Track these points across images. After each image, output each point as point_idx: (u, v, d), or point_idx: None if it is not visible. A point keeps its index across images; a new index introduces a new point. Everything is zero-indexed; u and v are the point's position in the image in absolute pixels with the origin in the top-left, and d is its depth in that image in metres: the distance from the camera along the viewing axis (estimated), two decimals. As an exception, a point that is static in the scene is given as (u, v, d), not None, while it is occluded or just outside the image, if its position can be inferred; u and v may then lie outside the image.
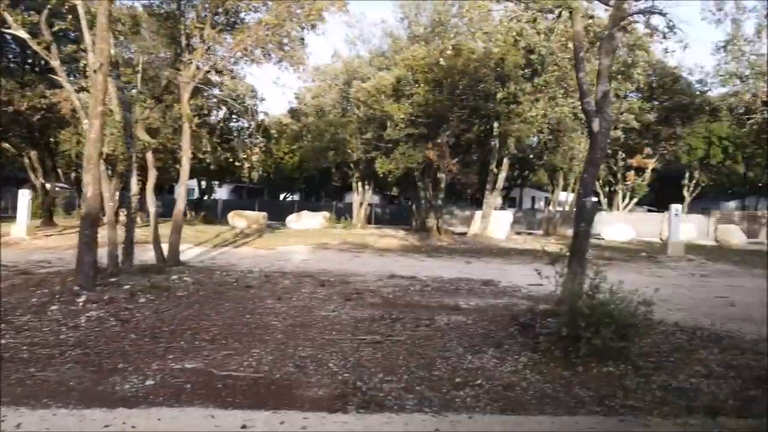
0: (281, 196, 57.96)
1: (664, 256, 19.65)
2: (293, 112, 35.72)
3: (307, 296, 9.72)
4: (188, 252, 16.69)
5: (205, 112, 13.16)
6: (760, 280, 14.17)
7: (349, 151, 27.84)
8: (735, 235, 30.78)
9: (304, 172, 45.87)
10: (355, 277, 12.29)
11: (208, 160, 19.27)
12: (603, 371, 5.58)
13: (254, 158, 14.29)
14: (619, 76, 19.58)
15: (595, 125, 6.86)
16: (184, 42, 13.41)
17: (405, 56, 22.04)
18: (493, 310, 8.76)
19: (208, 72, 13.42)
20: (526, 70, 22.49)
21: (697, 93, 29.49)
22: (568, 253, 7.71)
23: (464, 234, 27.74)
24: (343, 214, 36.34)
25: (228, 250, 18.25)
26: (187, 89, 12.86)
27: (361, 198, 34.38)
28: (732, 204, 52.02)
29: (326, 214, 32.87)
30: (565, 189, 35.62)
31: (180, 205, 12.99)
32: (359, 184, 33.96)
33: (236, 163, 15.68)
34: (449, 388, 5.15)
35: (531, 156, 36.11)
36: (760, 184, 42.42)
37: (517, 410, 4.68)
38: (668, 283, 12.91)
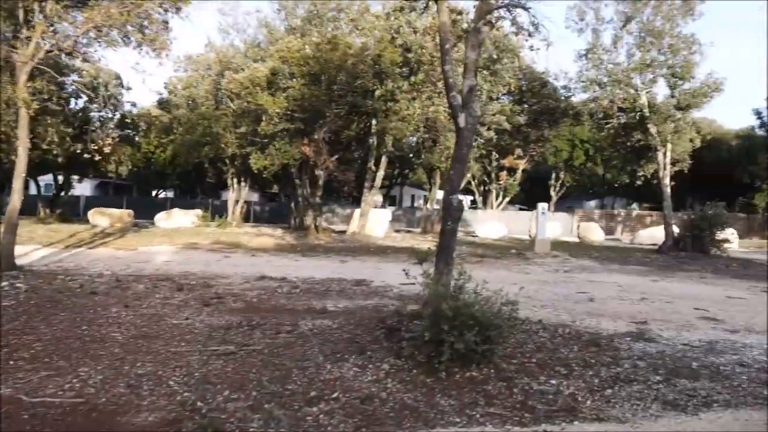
0: (153, 193, 54.58)
1: (532, 253, 20.46)
2: (163, 103, 33.54)
3: (160, 302, 8.82)
4: (33, 254, 14.94)
5: (46, 96, 11.61)
6: (617, 275, 15.05)
7: (224, 145, 26.51)
8: (595, 232, 33.07)
9: (177, 168, 43.32)
10: (220, 280, 11.47)
11: (55, 152, 17.30)
12: (466, 376, 5.34)
13: (107, 150, 12.90)
14: (486, 72, 20.06)
15: (461, 120, 6.66)
16: (22, 16, 11.82)
17: (279, 48, 21.21)
18: (361, 312, 8.38)
19: (51, 52, 11.91)
20: (403, 69, 22.52)
21: (562, 98, 31.23)
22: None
23: (344, 232, 27.45)
24: (220, 212, 34.75)
25: (82, 252, 16.56)
26: (24, 70, 11.33)
27: (237, 195, 33.00)
28: (593, 203, 56.25)
29: (199, 212, 31.17)
30: (442, 187, 36.44)
31: (15, 201, 11.41)
32: (235, 180, 32.56)
33: (85, 155, 14.13)
34: (302, 404, 4.66)
35: (410, 155, 36.59)
36: (615, 185, 45.96)
37: (372, 426, 4.28)
38: (535, 279, 13.30)
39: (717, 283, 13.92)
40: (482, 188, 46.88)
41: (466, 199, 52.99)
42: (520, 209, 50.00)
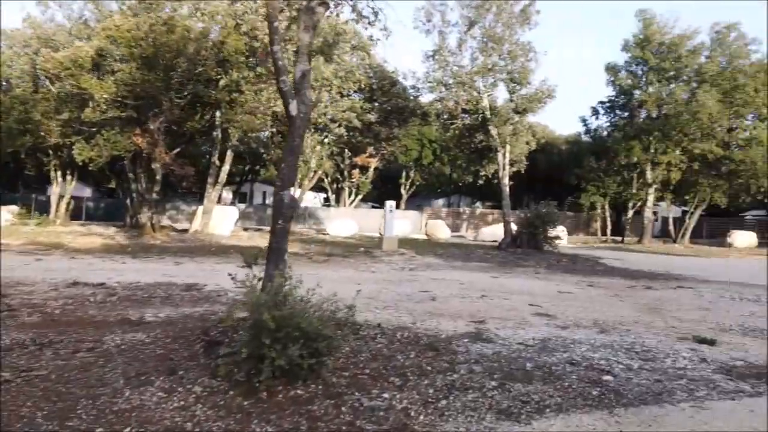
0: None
1: (380, 251, 20.42)
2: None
3: (-73, 320, 7.19)
4: None
5: None
6: (459, 272, 15.31)
7: (44, 134, 23.47)
8: (442, 230, 34.20)
9: (-8, 158, 37.98)
10: (20, 288, 9.79)
11: None
12: (290, 396, 4.72)
13: None
14: (321, 56, 19.48)
15: (293, 108, 6.03)
16: None
17: (106, 25, 19.05)
18: (184, 322, 7.43)
19: None
20: (250, 58, 21.37)
21: (411, 97, 31.82)
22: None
23: (186, 231, 25.66)
24: (44, 208, 30.99)
25: None
26: None
27: (62, 190, 29.57)
28: (441, 201, 58.53)
29: (14, 208, 27.47)
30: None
31: None
32: (59, 173, 29.13)
33: None
34: (82, 447, 3.76)
35: (261, 150, 35.38)
36: (460, 184, 48.06)
37: (166, 472, 3.51)
38: (380, 278, 13.06)
39: (550, 278, 14.65)
40: (335, 186, 46.78)
41: (319, 197, 52.64)
42: (373, 207, 50.62)
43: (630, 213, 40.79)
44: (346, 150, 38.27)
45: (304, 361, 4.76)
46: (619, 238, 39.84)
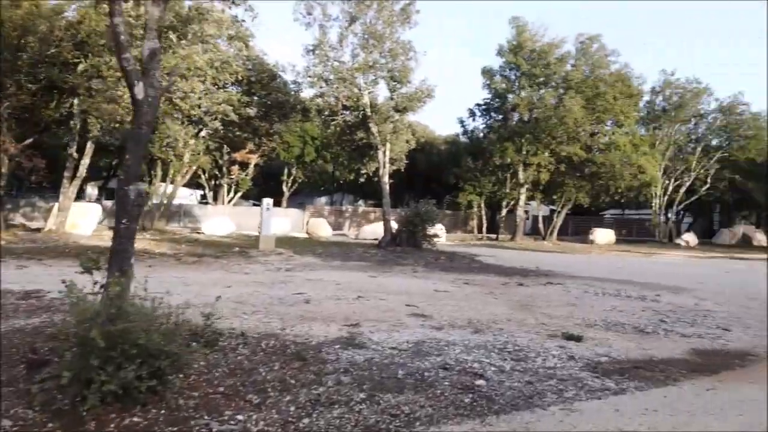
0: None
1: (256, 251, 19.56)
2: None
3: None
4: None
5: None
6: (337, 272, 14.90)
7: None
8: (323, 228, 33.79)
9: None
10: None
11: None
12: (124, 425, 4.02)
13: None
14: (172, 34, 18.05)
15: (139, 91, 5.29)
16: None
17: (-66, -5, 16.64)
18: (12, 337, 6.39)
19: None
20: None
21: (292, 92, 30.99)
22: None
23: (39, 230, 23.19)
24: None
25: None
26: None
27: None
28: (323, 199, 58.05)
29: None
30: (164, 180, 33.49)
31: None
32: None
33: None
34: None
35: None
36: (342, 182, 47.89)
37: None
38: (252, 280, 12.33)
39: (427, 276, 14.64)
40: (213, 182, 44.79)
41: (196, 194, 50.16)
42: (254, 205, 49.07)
43: (504, 211, 42.66)
44: (225, 145, 36.64)
45: (143, 383, 4.10)
46: (493, 236, 41.51)
